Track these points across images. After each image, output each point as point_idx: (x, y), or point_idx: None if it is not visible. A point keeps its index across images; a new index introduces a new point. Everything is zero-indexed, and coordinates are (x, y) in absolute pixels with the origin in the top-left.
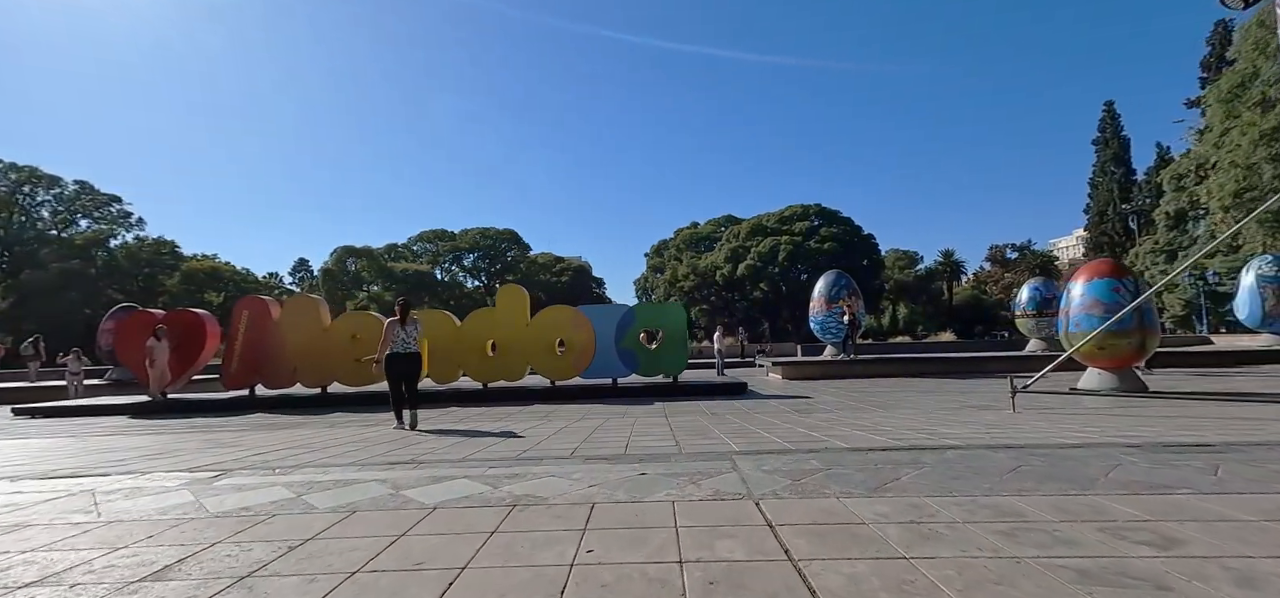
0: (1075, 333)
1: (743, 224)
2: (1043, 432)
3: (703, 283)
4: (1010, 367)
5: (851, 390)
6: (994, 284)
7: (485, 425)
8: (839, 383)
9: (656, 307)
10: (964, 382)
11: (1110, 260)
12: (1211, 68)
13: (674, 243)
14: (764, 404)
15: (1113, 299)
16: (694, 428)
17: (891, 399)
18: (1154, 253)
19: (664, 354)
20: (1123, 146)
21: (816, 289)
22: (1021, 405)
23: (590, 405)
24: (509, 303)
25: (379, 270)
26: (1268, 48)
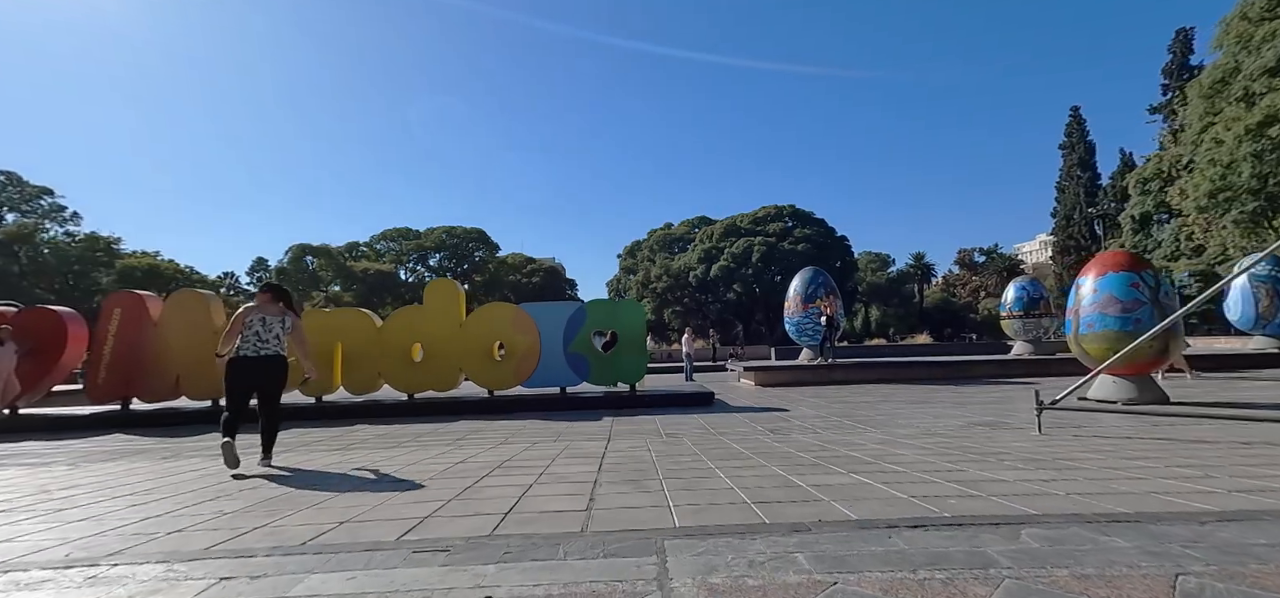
0: (1088, 334)
1: (716, 225)
2: (1122, 476)
3: (676, 284)
4: (997, 371)
5: (833, 400)
6: (962, 287)
7: (362, 457)
8: (817, 391)
9: (610, 304)
10: (954, 389)
11: (1126, 252)
12: (1173, 74)
13: (647, 244)
14: (732, 422)
15: (1130, 295)
16: (631, 468)
17: (882, 413)
18: None
19: (619, 359)
20: (1088, 151)
21: (792, 288)
22: (1045, 424)
23: (527, 421)
24: (439, 300)
25: (339, 270)
26: (1251, 41)
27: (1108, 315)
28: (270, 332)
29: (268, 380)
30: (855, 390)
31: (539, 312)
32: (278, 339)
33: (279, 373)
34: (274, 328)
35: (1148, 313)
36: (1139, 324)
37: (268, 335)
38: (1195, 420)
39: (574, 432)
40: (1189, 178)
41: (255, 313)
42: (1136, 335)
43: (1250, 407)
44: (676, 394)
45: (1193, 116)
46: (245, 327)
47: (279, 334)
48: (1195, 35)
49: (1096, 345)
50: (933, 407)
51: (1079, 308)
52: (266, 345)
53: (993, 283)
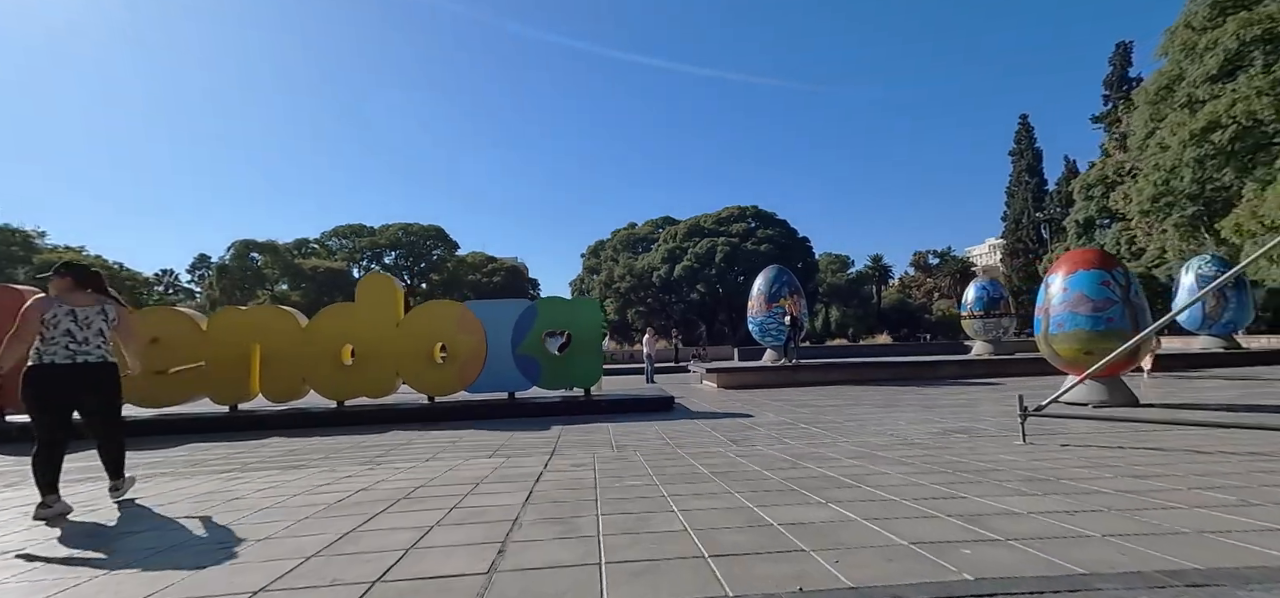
0: (1058, 334)
1: (680, 225)
2: (1150, 506)
3: (639, 284)
4: (959, 371)
5: (799, 404)
6: (918, 288)
7: (244, 485)
8: (781, 394)
9: (563, 302)
10: (918, 391)
11: (1096, 249)
12: (1114, 85)
13: (611, 244)
14: (691, 431)
15: (1102, 294)
16: (567, 497)
17: (852, 419)
18: None
19: (573, 362)
20: (1036, 158)
21: (755, 287)
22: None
23: (467, 431)
24: (374, 297)
25: (286, 267)
26: (1194, 49)
27: (1079, 315)
28: (89, 329)
29: (95, 396)
30: (820, 393)
31: (486, 311)
32: (101, 339)
33: (110, 385)
34: (94, 324)
35: (1119, 312)
36: (1110, 323)
37: (85, 335)
38: (1175, 427)
39: (515, 444)
40: (1134, 183)
41: (58, 306)
42: (1108, 335)
43: (1218, 409)
44: (634, 399)
45: (1139, 122)
46: (47, 325)
47: (103, 331)
48: (1134, 48)
49: (1067, 345)
50: (901, 411)
51: (1049, 307)
52: (86, 350)
53: (946, 284)
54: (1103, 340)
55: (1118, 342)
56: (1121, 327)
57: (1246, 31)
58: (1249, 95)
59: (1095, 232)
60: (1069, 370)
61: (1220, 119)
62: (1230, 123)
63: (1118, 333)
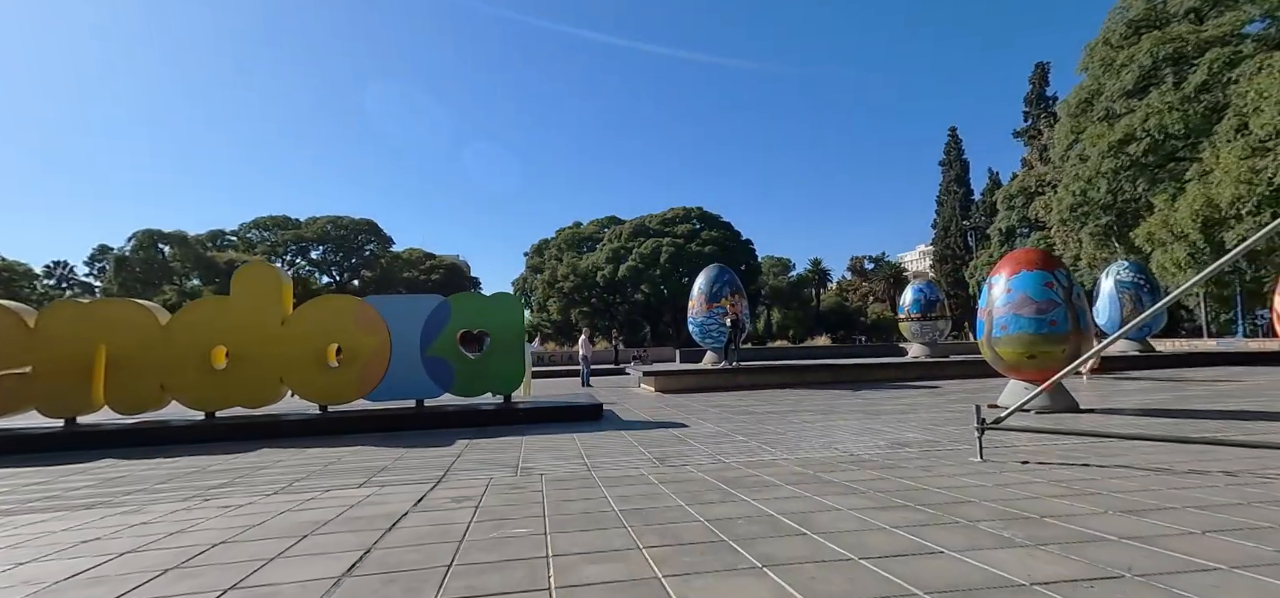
0: (1001, 337)
1: (625, 225)
2: (1168, 553)
3: (583, 284)
4: (896, 374)
5: (738, 410)
6: (854, 292)
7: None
8: (721, 398)
9: (480, 299)
10: (859, 395)
11: (1039, 250)
12: (1033, 102)
13: (555, 243)
14: (616, 446)
15: (1045, 295)
16: (409, 563)
17: (793, 429)
18: (990, 265)
19: (490, 366)
20: (964, 169)
21: (696, 286)
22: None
23: (352, 449)
24: (253, 289)
25: (197, 261)
26: (1112, 64)
27: (1022, 316)
28: None
29: None
30: (760, 398)
31: (390, 307)
32: None
33: None
34: None
35: (1062, 314)
36: (1054, 326)
37: None
38: (1127, 441)
39: (401, 466)
40: (1053, 194)
41: None
42: (1052, 338)
43: (1162, 416)
44: (560, 407)
45: (1061, 134)
46: None
47: None
48: (1051, 69)
49: (1011, 348)
50: (844, 417)
51: (991, 309)
52: None
53: (881, 289)
54: (1046, 343)
55: (1060, 345)
56: (1064, 329)
57: (1159, 49)
58: (1161, 110)
59: (1016, 240)
60: (1011, 374)
61: (1135, 132)
62: (1144, 136)
63: (1060, 336)
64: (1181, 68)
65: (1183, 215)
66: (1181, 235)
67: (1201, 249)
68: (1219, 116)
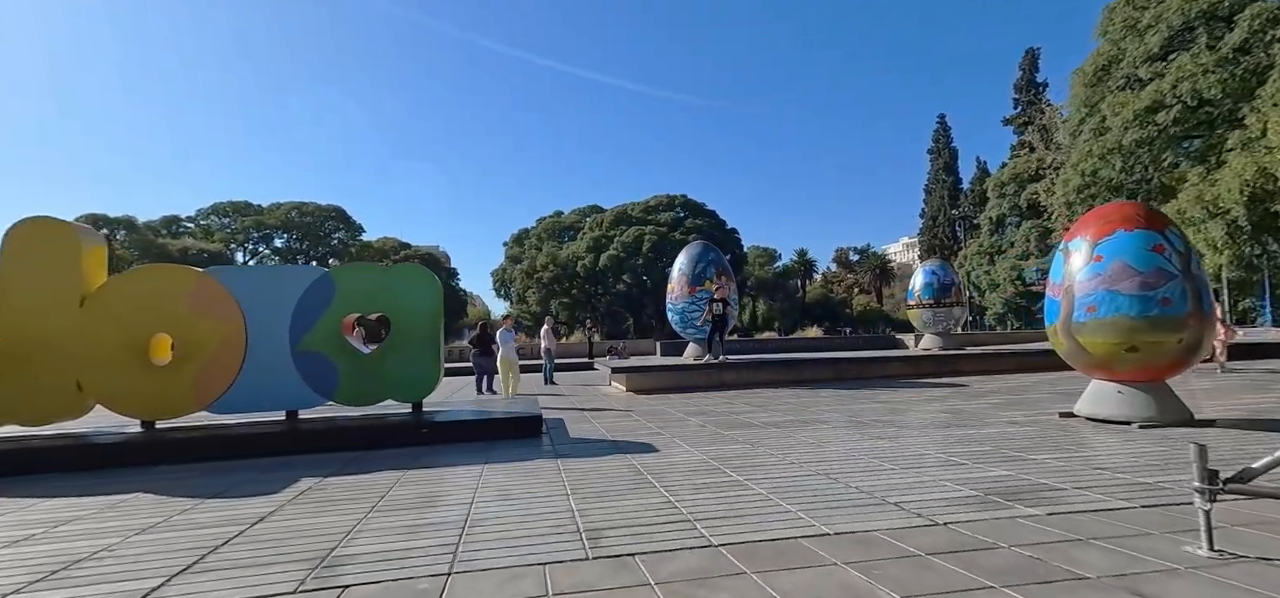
0: (1088, 323)
1: (607, 213)
2: None
3: (563, 274)
4: (908, 370)
5: (727, 420)
6: (839, 284)
7: None
8: (704, 401)
9: (376, 271)
10: (877, 396)
11: (1137, 203)
12: (1023, 89)
13: (535, 232)
14: (538, 494)
15: (1152, 263)
16: None
17: (808, 455)
18: (979, 254)
19: (392, 364)
20: (952, 157)
21: (676, 266)
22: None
23: (135, 496)
24: (32, 255)
25: (147, 248)
26: (1136, 26)
27: (1120, 293)
28: None
29: None
30: (753, 400)
31: (246, 282)
32: None
33: None
34: None
35: (1178, 289)
36: (1167, 305)
37: None
38: None
39: (161, 540)
40: (1057, 175)
41: None
42: (1164, 321)
43: None
44: (487, 420)
45: (1074, 105)
46: None
47: None
48: (1041, 55)
49: (1102, 337)
50: (874, 434)
51: (1071, 285)
52: None
53: (866, 280)
54: (1154, 330)
55: (1174, 332)
56: (1181, 310)
57: (1191, 6)
58: (1195, 73)
59: (1006, 229)
60: (1095, 372)
61: (1165, 98)
62: (1175, 102)
63: (1175, 320)
64: (1216, 26)
65: (1226, 188)
66: (1221, 212)
67: (1242, 228)
68: (1262, 79)
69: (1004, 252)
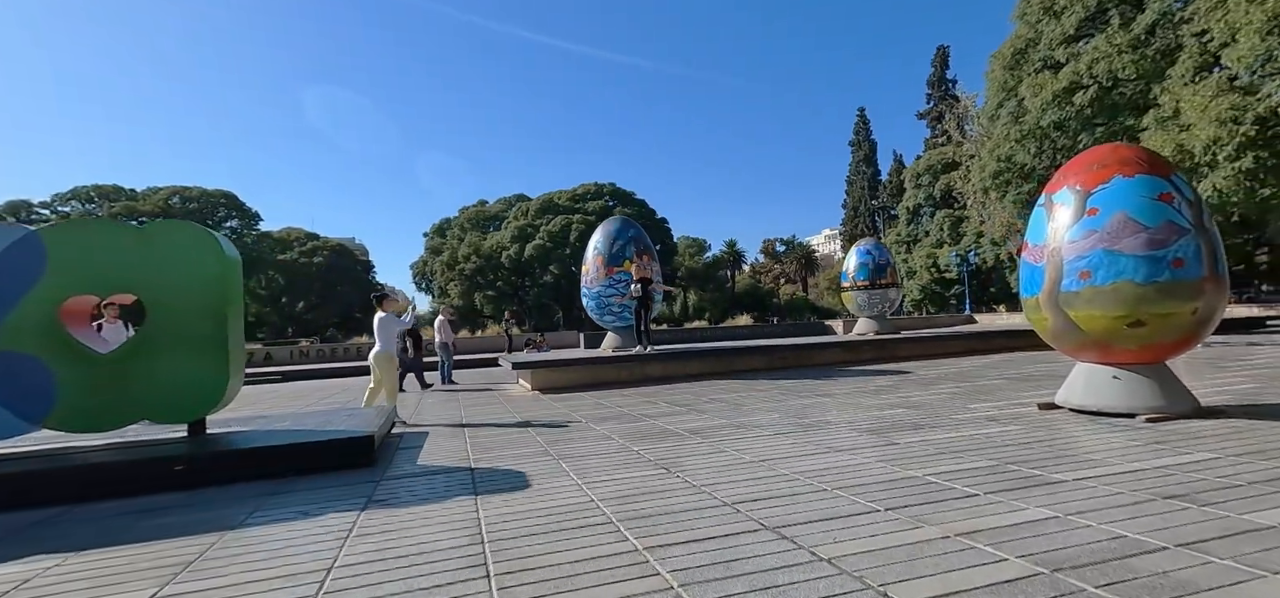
0: (1083, 292)
1: (532, 202)
2: None
3: (487, 265)
4: (845, 356)
5: (642, 429)
6: (767, 275)
7: None
8: (621, 400)
9: (113, 232)
10: (820, 388)
11: (1137, 146)
12: (935, 85)
13: (458, 222)
14: (283, 574)
15: (1161, 216)
16: None
17: (747, 468)
18: (897, 243)
19: (146, 368)
20: (872, 149)
21: (590, 245)
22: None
23: None
24: None
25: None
26: (1052, 8)
27: (1122, 254)
28: None
29: None
30: (677, 398)
31: None
32: None
33: None
34: None
35: (1192, 246)
36: (1180, 268)
37: None
38: None
39: None
40: (975, 162)
41: None
42: (1177, 287)
43: None
44: (288, 447)
45: (992, 89)
46: None
47: None
48: (951, 52)
49: (1100, 309)
50: (825, 441)
51: (1059, 245)
52: None
53: (792, 270)
54: (1165, 299)
55: (1188, 300)
56: (1196, 273)
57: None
58: (1110, 53)
59: (922, 218)
60: (1087, 354)
61: (1082, 79)
62: (1092, 82)
63: (1190, 285)
64: (1127, 9)
65: None
66: None
67: None
68: (1172, 59)
69: (920, 240)
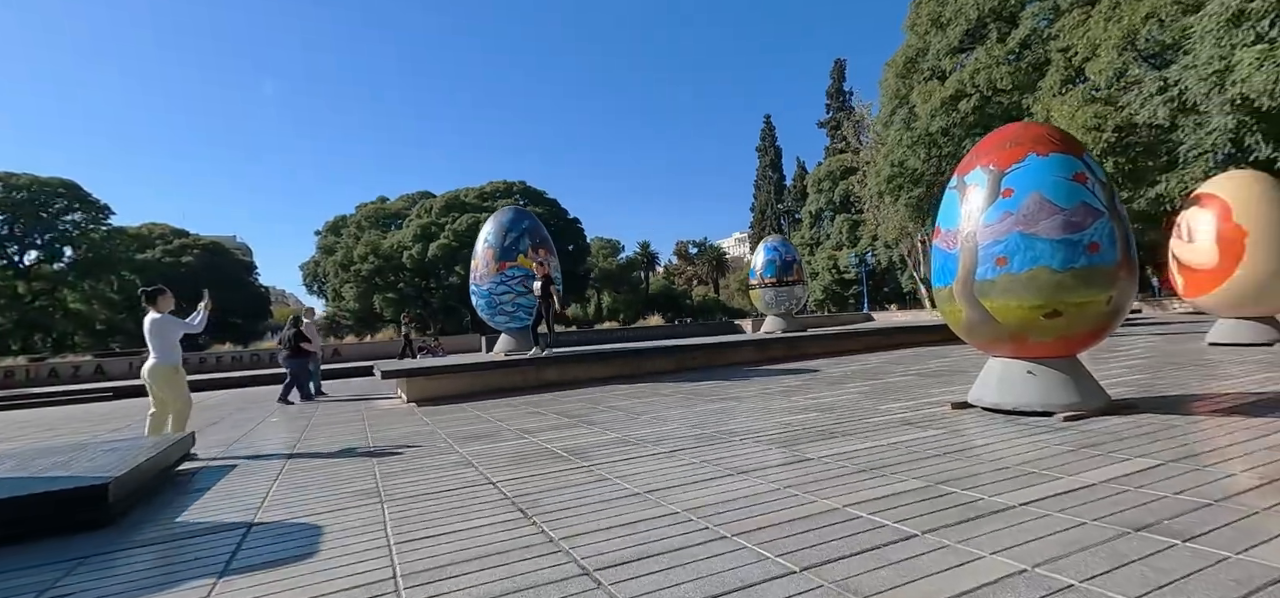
0: (999, 281)
1: (437, 199)
2: None
3: (387, 265)
4: (756, 356)
5: (516, 448)
6: (680, 276)
7: None
8: (508, 412)
9: None
10: (728, 386)
11: (1049, 125)
12: (834, 96)
13: (355, 220)
14: None
15: (1076, 197)
16: None
17: (631, 505)
18: (801, 246)
19: None
20: (778, 155)
21: (481, 237)
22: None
23: None
24: None
25: None
26: (939, 20)
27: (1038, 237)
28: None
29: None
30: (570, 407)
31: None
32: None
33: None
34: None
35: (1106, 229)
36: (1095, 253)
37: None
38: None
39: None
40: (872, 167)
41: None
42: (1093, 274)
43: None
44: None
45: (887, 95)
46: None
47: None
48: (847, 65)
49: (1017, 299)
50: (732, 461)
51: (974, 229)
52: None
53: (704, 271)
54: (1082, 286)
55: (1104, 288)
56: (1111, 258)
57: (985, 3)
58: (989, 65)
59: (823, 222)
60: (1001, 349)
61: (965, 88)
62: (974, 91)
63: (1105, 271)
64: (1003, 25)
65: None
66: None
67: None
68: (1042, 72)
69: (822, 242)
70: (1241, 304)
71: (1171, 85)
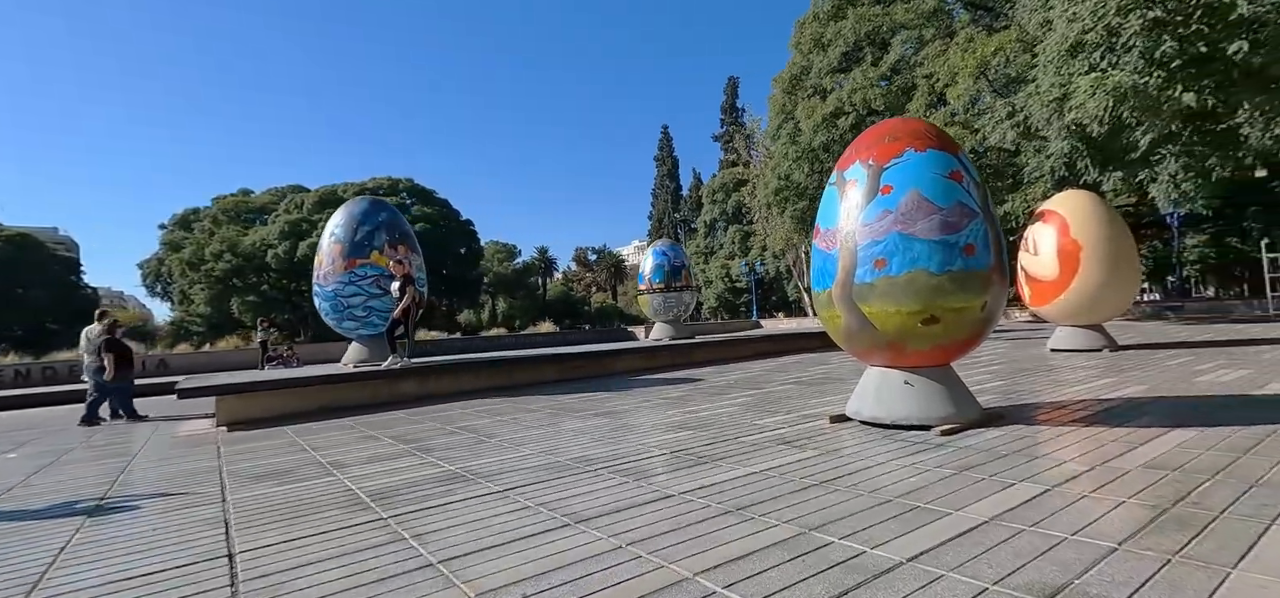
0: (877, 284)
1: (310, 194)
2: None
3: (247, 266)
4: (643, 364)
5: (313, 493)
6: (578, 282)
7: None
8: (336, 436)
9: None
10: (606, 398)
11: (925, 121)
12: (727, 111)
13: (210, 213)
14: None
15: (952, 196)
16: None
17: (425, 544)
18: (696, 254)
19: None
20: (675, 165)
21: (327, 231)
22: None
23: None
24: None
25: None
26: (820, 40)
27: (917, 238)
28: None
29: None
30: (415, 429)
31: None
32: None
33: None
34: None
35: (980, 231)
36: (970, 256)
37: None
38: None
39: None
40: (761, 180)
41: None
42: (968, 278)
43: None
44: None
45: (774, 110)
46: None
47: None
48: (741, 83)
49: (896, 306)
50: (570, 497)
51: (853, 228)
52: None
53: (603, 278)
54: (959, 291)
55: (979, 293)
56: (985, 262)
57: (861, 27)
58: (864, 86)
59: (717, 232)
60: (879, 357)
61: (844, 105)
62: (851, 110)
63: (980, 275)
64: (875, 50)
65: None
66: None
67: None
68: (910, 95)
69: (716, 252)
70: (1077, 314)
71: (1018, 111)
